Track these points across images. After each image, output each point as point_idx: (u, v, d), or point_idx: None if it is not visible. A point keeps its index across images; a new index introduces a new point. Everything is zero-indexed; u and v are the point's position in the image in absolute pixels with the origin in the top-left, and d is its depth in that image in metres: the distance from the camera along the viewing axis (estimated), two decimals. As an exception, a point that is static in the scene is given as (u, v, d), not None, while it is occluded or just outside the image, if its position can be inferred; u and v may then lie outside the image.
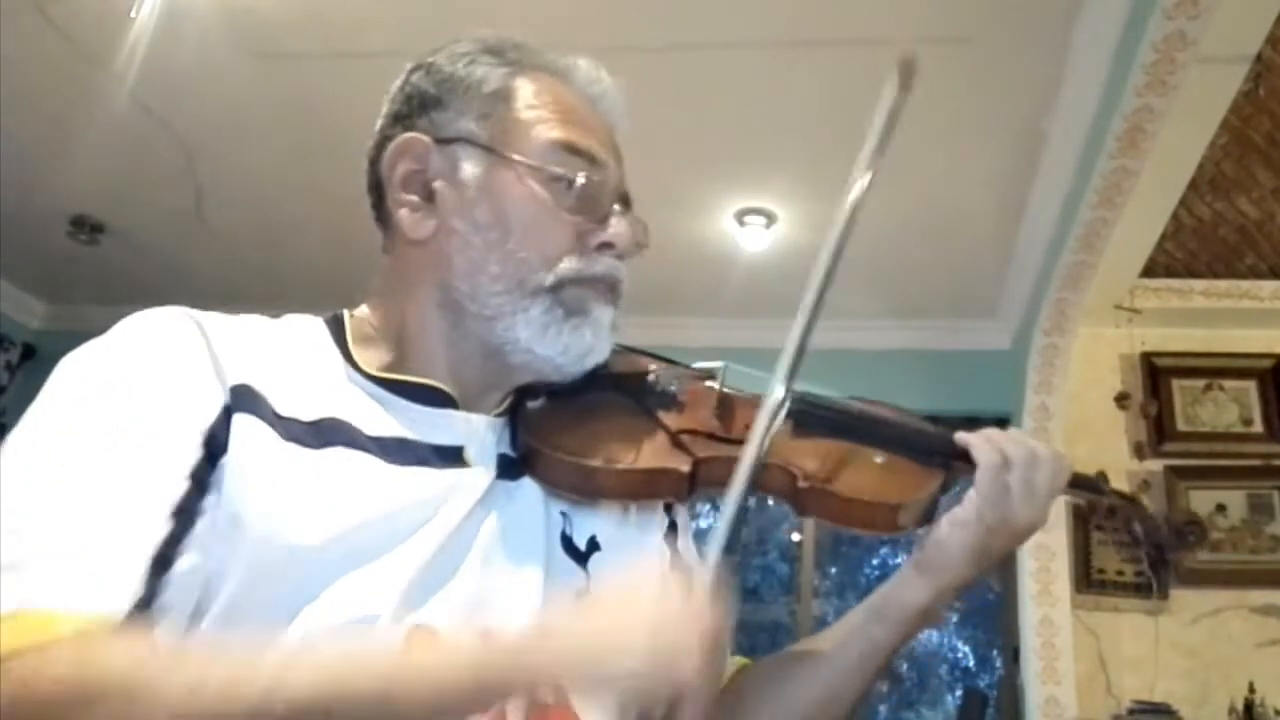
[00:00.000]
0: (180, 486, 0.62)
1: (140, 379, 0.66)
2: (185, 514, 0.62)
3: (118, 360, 0.67)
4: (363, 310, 0.83)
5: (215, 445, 0.65)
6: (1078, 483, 0.87)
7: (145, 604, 0.58)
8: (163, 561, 0.60)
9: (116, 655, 0.55)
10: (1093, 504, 0.90)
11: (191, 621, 0.62)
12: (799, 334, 0.76)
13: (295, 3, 2.60)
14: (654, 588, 0.62)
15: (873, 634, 0.84)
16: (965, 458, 0.82)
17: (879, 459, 0.84)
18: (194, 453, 0.64)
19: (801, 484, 0.80)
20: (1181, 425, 3.77)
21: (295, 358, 0.74)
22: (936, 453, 0.85)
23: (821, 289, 0.77)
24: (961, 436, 0.83)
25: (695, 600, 0.61)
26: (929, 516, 0.83)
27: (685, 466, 0.78)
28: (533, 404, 0.83)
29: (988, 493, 0.79)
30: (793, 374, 0.75)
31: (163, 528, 0.61)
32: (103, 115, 3.05)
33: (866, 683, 0.85)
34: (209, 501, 0.63)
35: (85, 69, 2.87)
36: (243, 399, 0.68)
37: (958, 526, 0.80)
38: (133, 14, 2.59)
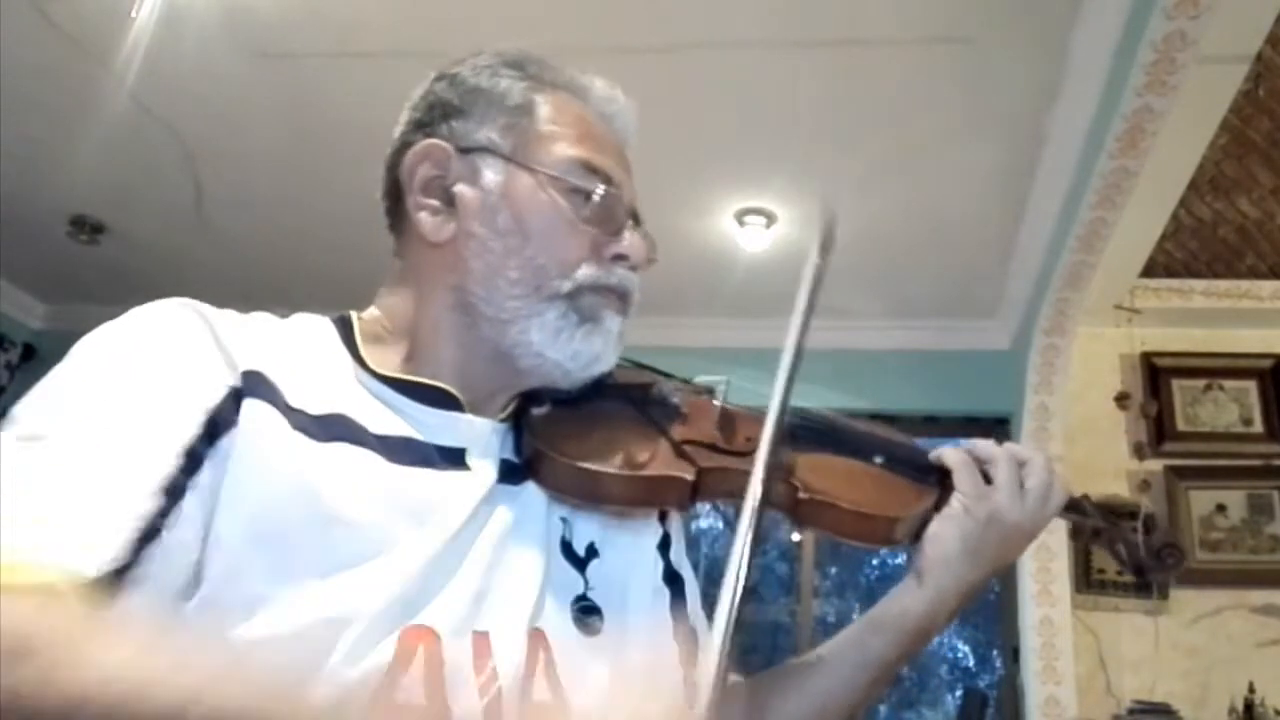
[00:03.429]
0: (172, 463, 0.63)
1: (140, 360, 0.67)
2: (175, 490, 0.62)
3: (121, 342, 0.68)
4: (372, 311, 0.84)
5: (216, 426, 0.66)
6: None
7: (125, 570, 0.59)
8: (150, 533, 0.60)
9: (62, 620, 0.53)
10: (1079, 525, 0.93)
11: (181, 597, 0.62)
12: (791, 355, 0.76)
13: (295, 3, 2.60)
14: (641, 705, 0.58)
15: (868, 644, 0.85)
16: (943, 470, 0.86)
17: (875, 474, 0.87)
18: (191, 430, 0.64)
19: (802, 496, 0.81)
20: (1181, 425, 3.77)
21: (304, 354, 0.75)
22: (925, 469, 0.88)
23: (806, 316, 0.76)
24: (935, 452, 0.88)
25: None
26: (920, 532, 0.85)
27: (689, 475, 0.79)
28: (538, 410, 0.83)
29: (968, 488, 0.84)
30: (786, 400, 0.75)
31: (151, 501, 0.61)
32: (103, 115, 3.05)
33: (860, 696, 0.86)
34: (203, 479, 0.64)
35: (85, 69, 2.87)
36: (255, 385, 0.69)
37: (948, 520, 0.84)
38: (133, 14, 2.59)
